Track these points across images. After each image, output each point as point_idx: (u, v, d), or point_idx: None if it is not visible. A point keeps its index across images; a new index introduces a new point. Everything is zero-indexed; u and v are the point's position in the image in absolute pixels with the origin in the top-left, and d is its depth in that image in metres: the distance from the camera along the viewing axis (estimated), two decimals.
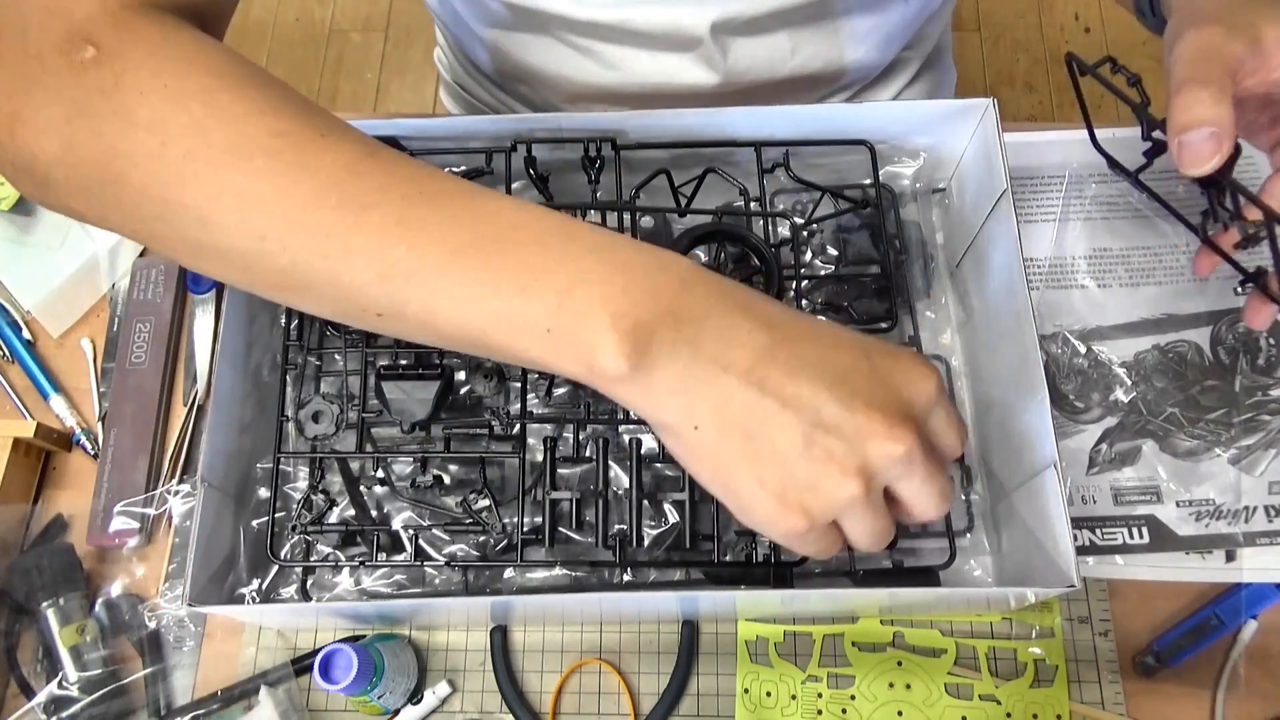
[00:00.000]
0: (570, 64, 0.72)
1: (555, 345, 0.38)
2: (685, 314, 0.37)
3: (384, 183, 0.39)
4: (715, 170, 0.60)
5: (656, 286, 0.38)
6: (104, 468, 0.64)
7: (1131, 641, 0.59)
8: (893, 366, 0.39)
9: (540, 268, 0.38)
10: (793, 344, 0.38)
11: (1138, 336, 0.64)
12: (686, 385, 0.38)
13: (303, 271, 0.39)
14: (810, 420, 0.37)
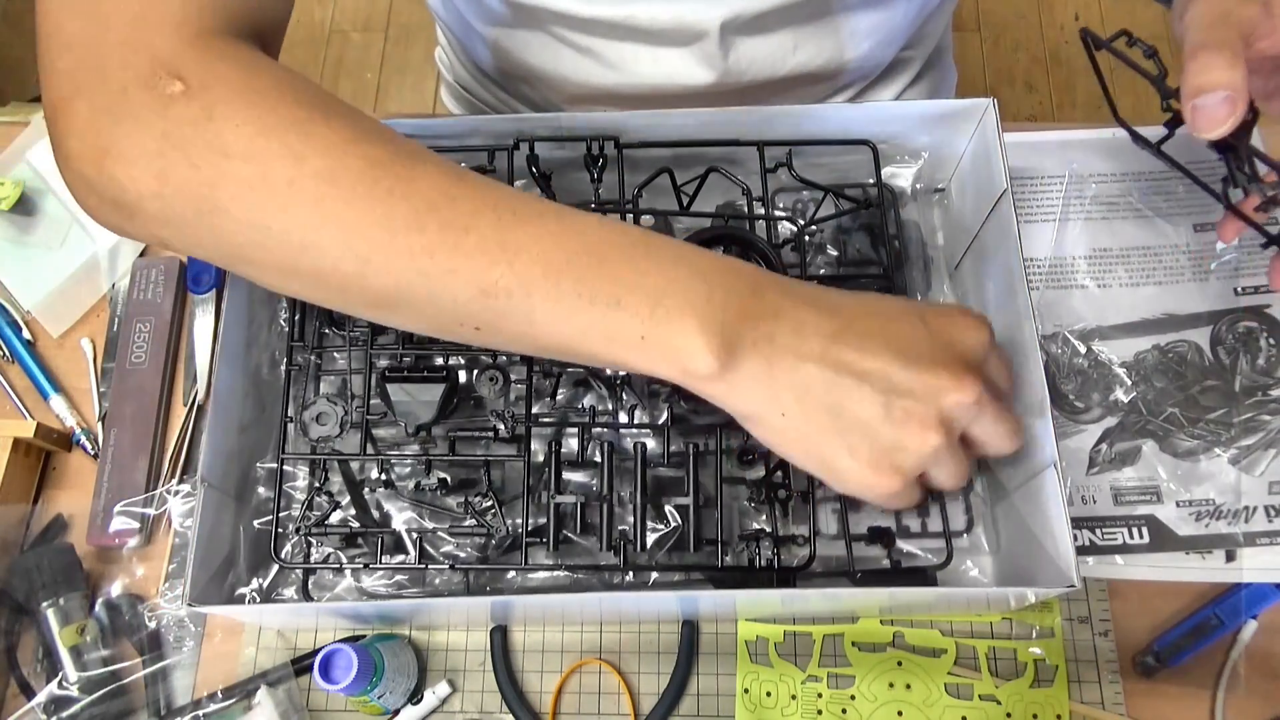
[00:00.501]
0: (570, 63, 0.72)
1: (649, 351, 0.42)
2: (761, 313, 0.42)
3: (478, 206, 0.41)
4: (717, 169, 0.60)
5: (734, 290, 0.42)
6: (104, 468, 0.64)
7: (1131, 641, 0.59)
8: (947, 324, 0.44)
9: (631, 281, 0.41)
10: (857, 324, 0.43)
11: (1138, 336, 0.64)
12: (771, 376, 0.42)
13: (404, 292, 0.42)
14: (885, 389, 0.42)
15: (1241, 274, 0.65)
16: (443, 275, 0.41)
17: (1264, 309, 0.64)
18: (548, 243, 0.41)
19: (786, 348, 0.42)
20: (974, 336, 0.45)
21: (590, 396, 0.59)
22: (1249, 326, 0.63)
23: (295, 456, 0.56)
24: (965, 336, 0.45)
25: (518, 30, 0.72)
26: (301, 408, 0.56)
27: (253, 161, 0.40)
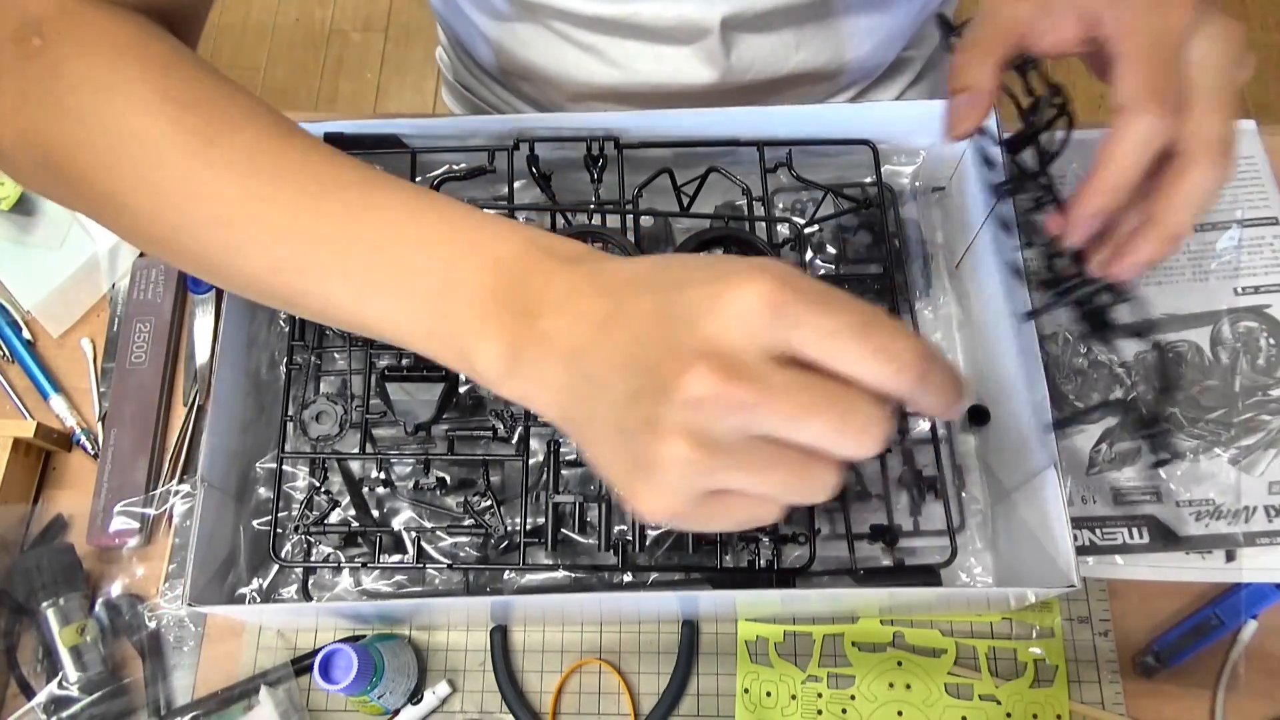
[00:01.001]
0: (572, 61, 0.72)
1: (439, 348, 0.38)
2: (543, 306, 0.36)
3: (282, 174, 0.39)
4: (718, 169, 0.60)
5: (522, 280, 0.36)
6: (104, 468, 0.64)
7: (1131, 641, 0.59)
8: (701, 295, 0.32)
9: (420, 268, 0.37)
10: (628, 306, 0.34)
11: (1138, 337, 0.64)
12: (547, 380, 0.36)
13: (212, 261, 0.41)
14: (624, 394, 0.33)
15: (1241, 274, 0.65)
16: (238, 248, 0.40)
17: (1264, 309, 0.64)
18: (343, 220, 0.39)
19: (559, 347, 0.35)
20: (727, 311, 0.31)
21: None
22: (1249, 326, 0.63)
23: (295, 455, 0.56)
24: (711, 312, 0.32)
25: (520, 27, 0.72)
26: (301, 407, 0.56)
27: (84, 123, 0.40)
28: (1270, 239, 0.66)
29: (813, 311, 0.31)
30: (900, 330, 0.32)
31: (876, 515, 0.58)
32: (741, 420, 0.31)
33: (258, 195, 0.39)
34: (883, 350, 0.31)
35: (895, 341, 0.31)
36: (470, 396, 0.58)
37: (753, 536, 0.55)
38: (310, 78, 1.89)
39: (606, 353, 0.34)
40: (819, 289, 0.32)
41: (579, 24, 0.69)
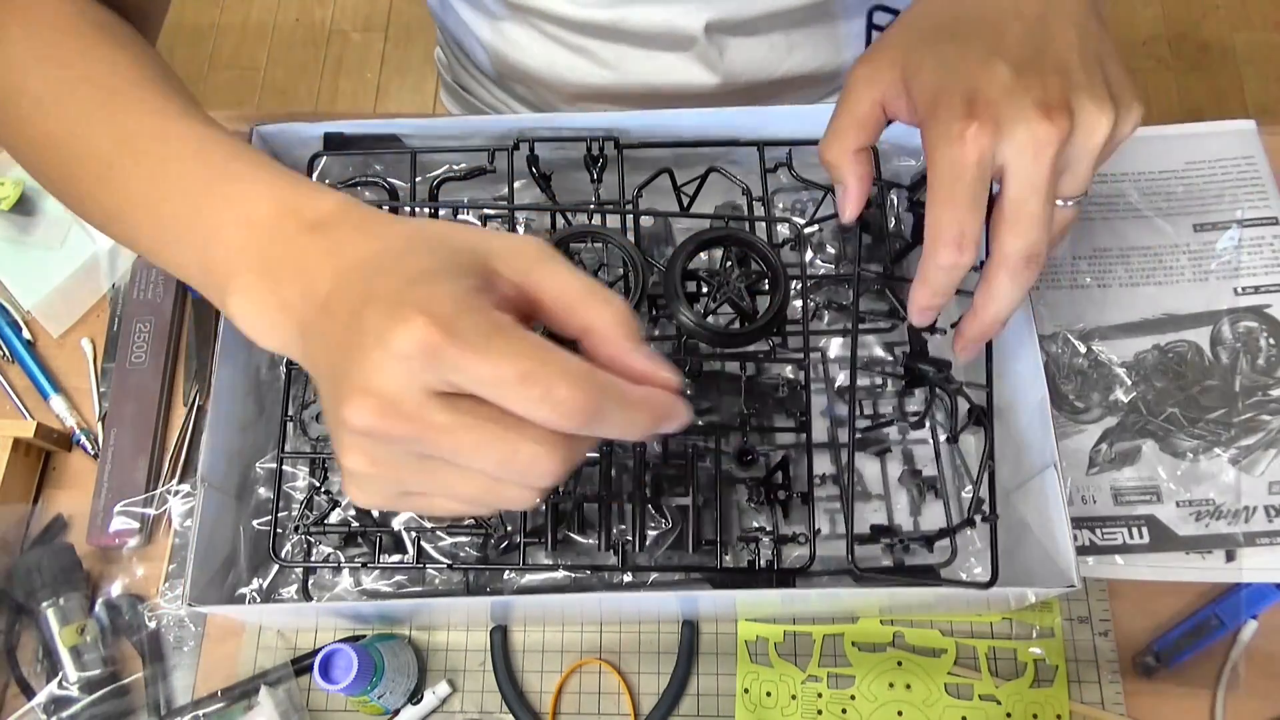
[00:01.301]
0: (566, 63, 0.72)
1: (213, 297, 0.40)
2: (284, 273, 0.36)
3: (121, 136, 0.43)
4: (718, 169, 0.60)
5: (268, 243, 0.37)
6: (104, 468, 0.64)
7: (1131, 641, 0.59)
8: (371, 326, 0.32)
9: (190, 220, 0.40)
10: (334, 308, 0.34)
11: (1138, 336, 0.64)
12: (290, 347, 0.37)
13: (78, 211, 0.47)
14: (326, 389, 0.34)
15: (1241, 274, 0.65)
16: (81, 199, 0.46)
17: (1264, 309, 0.64)
18: (148, 178, 0.42)
19: (293, 319, 0.36)
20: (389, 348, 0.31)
21: None
22: (1249, 326, 0.63)
23: (295, 455, 0.56)
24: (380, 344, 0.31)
25: (512, 28, 0.72)
26: (301, 407, 0.56)
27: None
28: (1270, 239, 0.66)
29: (470, 359, 0.31)
30: (566, 374, 0.31)
31: (876, 515, 0.58)
32: (406, 448, 0.32)
33: (94, 155, 0.44)
34: (544, 399, 0.31)
35: (557, 389, 0.31)
36: None
37: (753, 537, 0.55)
38: (310, 78, 1.89)
39: (318, 342, 0.35)
40: (483, 331, 0.31)
41: (568, 27, 0.69)
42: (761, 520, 0.58)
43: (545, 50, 0.72)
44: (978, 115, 0.41)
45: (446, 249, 0.34)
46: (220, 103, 1.88)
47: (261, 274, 0.37)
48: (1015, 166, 0.42)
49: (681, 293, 0.53)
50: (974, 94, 0.42)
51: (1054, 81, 0.42)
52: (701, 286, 0.55)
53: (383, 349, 0.31)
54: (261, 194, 0.38)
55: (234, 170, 0.40)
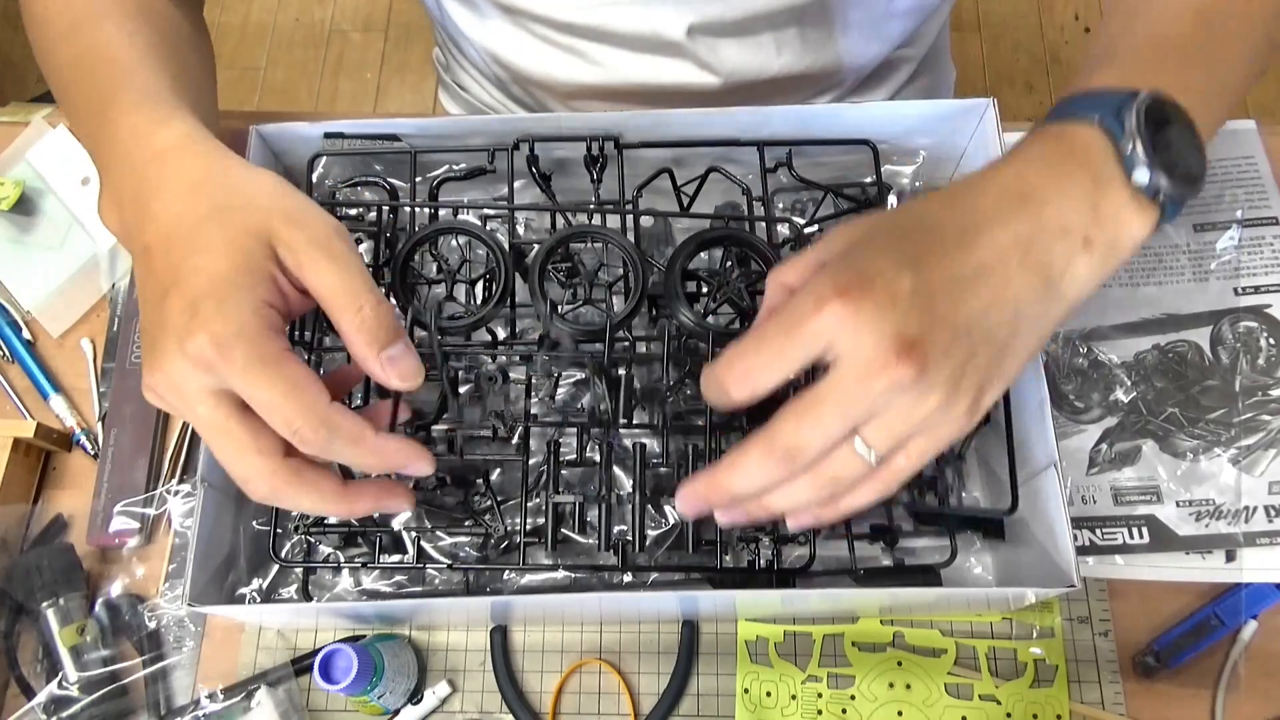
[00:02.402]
0: (557, 63, 0.72)
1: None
2: (129, 196, 0.45)
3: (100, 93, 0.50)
4: (718, 169, 0.60)
5: (124, 164, 0.46)
6: (104, 468, 0.64)
7: (1131, 641, 0.59)
8: (170, 320, 0.40)
9: (92, 134, 0.50)
10: (152, 264, 0.43)
11: (1138, 336, 0.64)
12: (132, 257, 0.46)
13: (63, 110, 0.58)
14: (144, 342, 0.43)
15: (1241, 274, 0.65)
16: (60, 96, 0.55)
17: (1264, 309, 0.64)
18: (88, 87, 0.51)
19: (136, 244, 0.45)
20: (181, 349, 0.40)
21: (588, 396, 0.59)
22: (1249, 326, 0.63)
23: None
24: (175, 342, 0.40)
25: (505, 30, 0.72)
26: None
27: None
28: (1270, 239, 0.66)
29: (235, 379, 0.39)
30: (303, 412, 0.39)
31: (876, 515, 0.58)
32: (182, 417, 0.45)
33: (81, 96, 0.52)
34: (284, 426, 0.40)
35: (294, 422, 0.39)
36: (471, 396, 0.58)
37: (753, 537, 0.55)
38: (310, 78, 1.89)
39: (142, 285, 0.43)
40: (251, 358, 0.39)
41: (556, 28, 0.69)
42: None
43: (537, 50, 0.72)
44: (849, 298, 0.38)
45: (244, 237, 0.41)
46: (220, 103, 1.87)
47: (110, 191, 0.47)
48: (838, 373, 0.39)
49: (681, 293, 0.53)
50: (864, 282, 0.39)
51: (940, 334, 0.39)
52: (701, 286, 0.55)
53: (177, 347, 0.39)
54: (128, 116, 0.47)
55: (122, 98, 0.48)
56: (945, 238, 0.41)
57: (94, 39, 0.53)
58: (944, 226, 0.42)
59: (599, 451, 0.55)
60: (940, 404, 0.39)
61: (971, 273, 0.40)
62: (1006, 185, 0.43)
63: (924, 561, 0.57)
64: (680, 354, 0.55)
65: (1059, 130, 0.45)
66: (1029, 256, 0.41)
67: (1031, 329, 0.42)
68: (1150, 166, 0.42)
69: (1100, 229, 0.43)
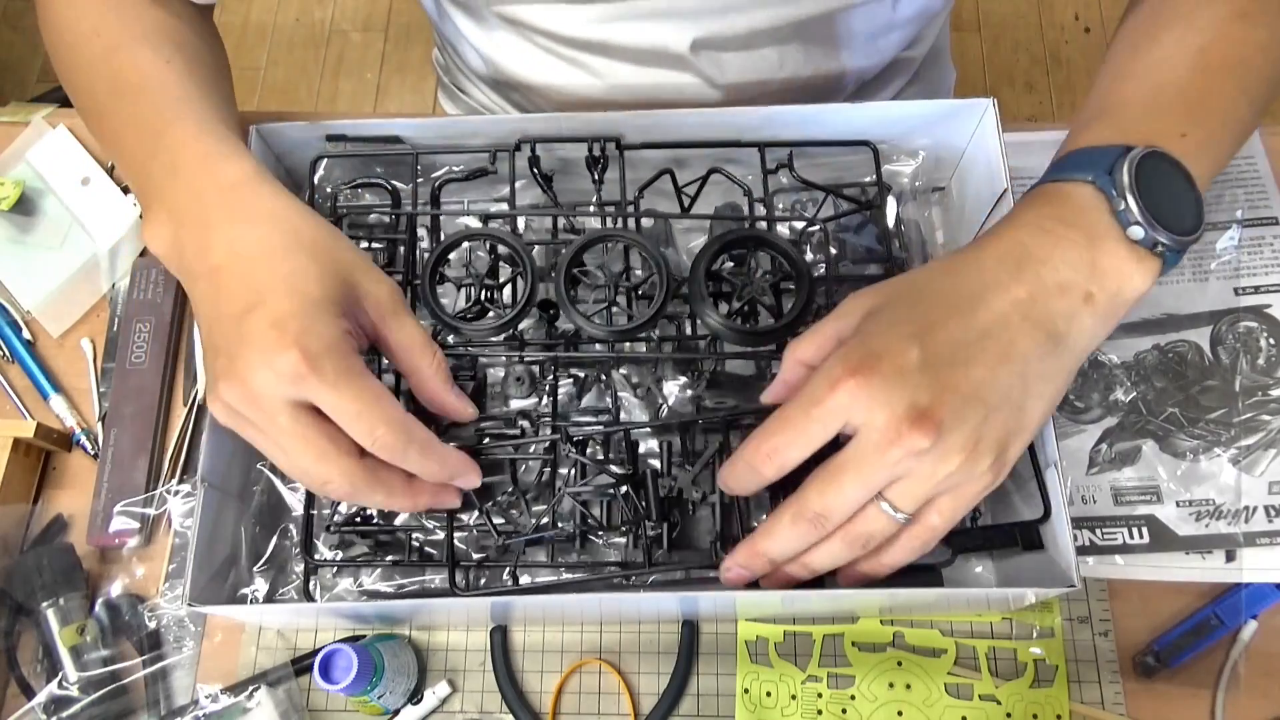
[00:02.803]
0: (560, 74, 0.72)
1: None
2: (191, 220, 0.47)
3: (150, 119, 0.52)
4: (719, 170, 0.60)
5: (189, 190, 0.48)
6: (104, 468, 0.64)
7: (1131, 641, 0.59)
8: (254, 333, 0.43)
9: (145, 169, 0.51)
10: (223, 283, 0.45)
11: (1137, 336, 0.64)
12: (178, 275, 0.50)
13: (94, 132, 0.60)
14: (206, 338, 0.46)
15: (1241, 274, 0.65)
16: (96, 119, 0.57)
17: (1264, 309, 0.64)
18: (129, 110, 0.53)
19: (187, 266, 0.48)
20: (269, 360, 0.43)
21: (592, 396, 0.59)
22: (1249, 326, 0.63)
23: None
24: (262, 354, 0.43)
25: (508, 40, 0.72)
26: None
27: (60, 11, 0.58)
28: (1270, 239, 0.66)
29: (324, 392, 0.42)
30: (386, 420, 0.43)
31: None
32: (254, 426, 0.44)
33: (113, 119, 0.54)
34: (367, 434, 0.43)
35: (377, 429, 0.43)
36: (498, 398, 0.58)
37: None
38: (310, 78, 1.89)
39: (207, 305, 0.46)
40: (340, 372, 0.42)
41: (560, 41, 0.69)
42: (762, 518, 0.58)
43: (539, 61, 0.72)
44: (861, 376, 0.41)
45: (331, 273, 0.45)
46: None
47: (165, 215, 0.48)
48: (857, 444, 0.42)
49: (707, 294, 0.53)
50: (874, 359, 0.42)
51: (951, 399, 0.41)
52: (722, 286, 0.56)
53: (264, 361, 0.42)
54: (189, 146, 0.49)
55: (180, 127, 0.50)
56: (949, 306, 0.43)
57: (133, 63, 0.54)
58: (947, 295, 0.44)
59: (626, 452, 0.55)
60: (962, 464, 0.42)
61: (976, 337, 0.43)
62: (1005, 250, 0.45)
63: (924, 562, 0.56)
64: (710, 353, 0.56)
65: (1054, 190, 0.47)
66: (1031, 316, 0.43)
67: (1045, 383, 0.44)
68: (1145, 223, 0.44)
69: (1100, 284, 0.44)
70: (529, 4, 0.67)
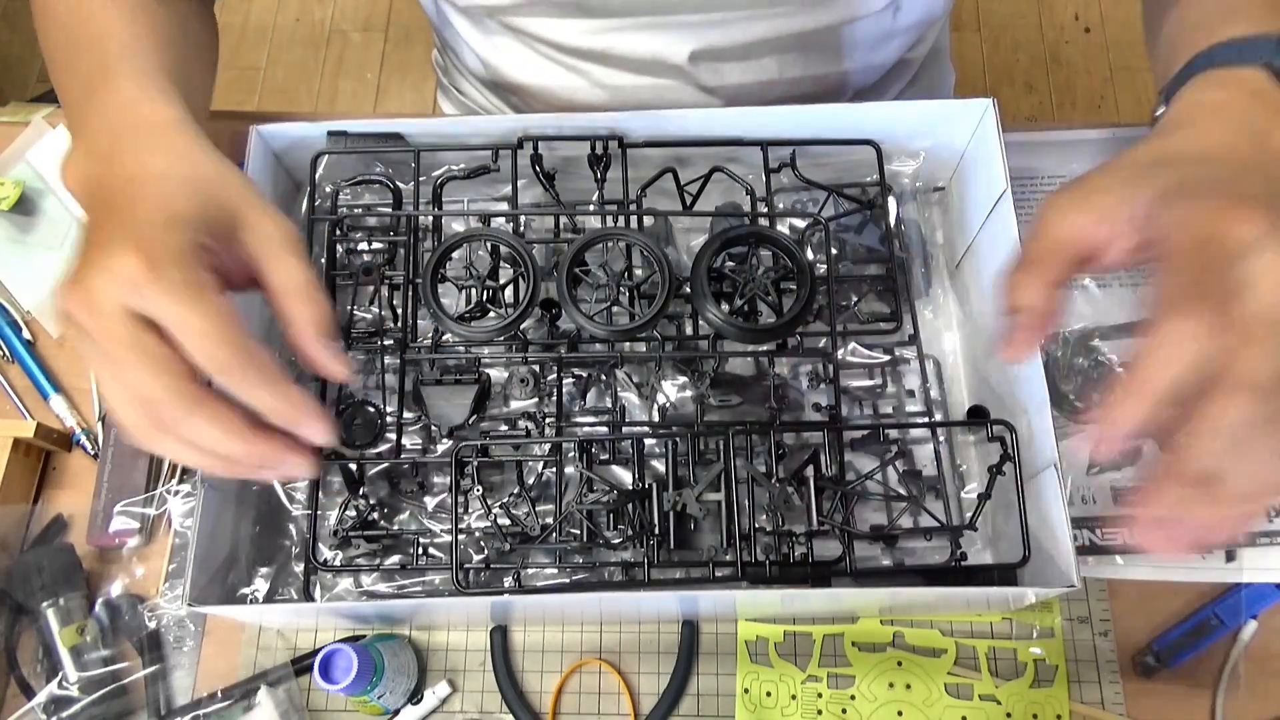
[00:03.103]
0: (560, 81, 0.72)
1: None
2: (97, 149, 0.46)
3: (95, 65, 0.50)
4: (721, 169, 0.60)
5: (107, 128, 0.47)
6: (104, 468, 0.64)
7: (1131, 641, 0.59)
8: (101, 240, 0.40)
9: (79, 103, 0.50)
10: (96, 196, 0.44)
11: (1138, 336, 0.64)
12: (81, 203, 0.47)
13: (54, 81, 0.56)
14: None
15: None
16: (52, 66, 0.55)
17: None
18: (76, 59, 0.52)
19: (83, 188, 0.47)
20: (103, 266, 0.40)
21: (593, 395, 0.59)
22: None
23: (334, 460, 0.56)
24: (95, 259, 0.40)
25: (509, 46, 0.72)
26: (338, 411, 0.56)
27: None
28: None
29: (161, 300, 0.39)
30: (225, 339, 0.39)
31: (877, 515, 0.58)
32: (92, 342, 0.40)
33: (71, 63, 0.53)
34: (200, 348, 0.39)
35: (218, 349, 0.39)
36: (503, 400, 0.58)
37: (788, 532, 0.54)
38: (310, 78, 1.89)
39: (90, 213, 0.44)
40: (182, 282, 0.39)
41: (562, 50, 0.69)
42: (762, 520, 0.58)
43: (540, 67, 0.72)
44: (1243, 205, 0.36)
45: (208, 197, 0.42)
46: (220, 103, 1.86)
47: (81, 149, 0.48)
48: (1261, 278, 0.36)
49: (709, 291, 0.53)
50: (1238, 192, 0.37)
51: None
52: (724, 285, 0.56)
53: (104, 264, 0.39)
54: (123, 92, 0.48)
55: (117, 69, 0.49)
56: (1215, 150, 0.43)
57: (94, 14, 0.53)
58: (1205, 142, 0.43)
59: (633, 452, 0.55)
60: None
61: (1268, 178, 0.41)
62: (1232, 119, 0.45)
63: (924, 562, 0.57)
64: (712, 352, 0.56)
65: (1229, 75, 0.47)
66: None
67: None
68: None
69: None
70: (530, 15, 0.67)
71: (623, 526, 0.54)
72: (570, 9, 0.66)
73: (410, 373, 0.57)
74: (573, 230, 0.60)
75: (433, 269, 0.55)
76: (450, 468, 0.54)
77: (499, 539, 0.55)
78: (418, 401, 0.55)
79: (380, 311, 0.59)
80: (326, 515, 0.57)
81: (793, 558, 0.54)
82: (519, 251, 0.55)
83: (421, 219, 0.60)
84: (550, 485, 0.56)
